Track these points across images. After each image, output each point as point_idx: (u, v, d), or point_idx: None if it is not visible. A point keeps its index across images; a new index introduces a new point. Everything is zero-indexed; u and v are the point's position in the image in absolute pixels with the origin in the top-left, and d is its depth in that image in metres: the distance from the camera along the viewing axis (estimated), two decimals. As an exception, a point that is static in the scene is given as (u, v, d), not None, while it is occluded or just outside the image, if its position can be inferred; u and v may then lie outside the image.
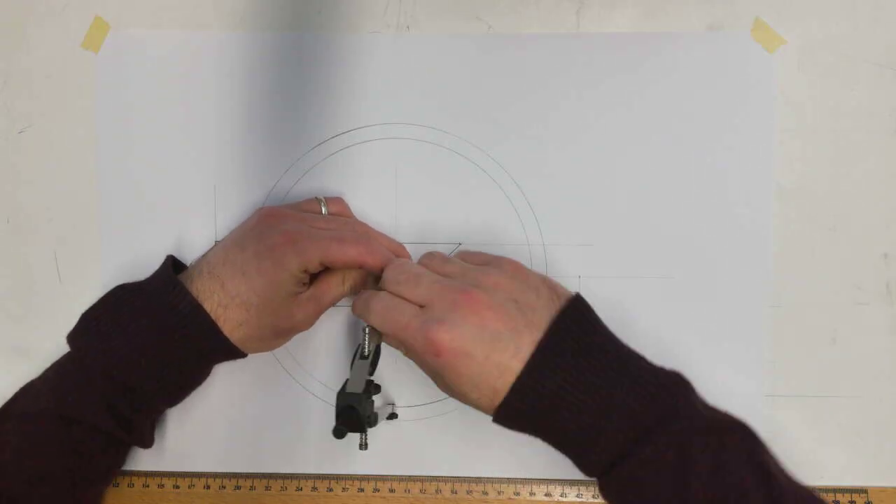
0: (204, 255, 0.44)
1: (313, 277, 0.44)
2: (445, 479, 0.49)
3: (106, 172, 0.49)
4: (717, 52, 0.48)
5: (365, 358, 0.42)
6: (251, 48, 0.49)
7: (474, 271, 0.40)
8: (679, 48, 0.48)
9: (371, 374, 0.42)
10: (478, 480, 0.49)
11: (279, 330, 0.44)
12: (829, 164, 0.48)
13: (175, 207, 0.49)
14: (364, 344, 0.42)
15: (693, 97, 0.48)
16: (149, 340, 0.41)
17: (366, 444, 0.44)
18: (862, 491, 0.48)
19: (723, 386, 0.48)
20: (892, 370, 0.48)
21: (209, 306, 0.41)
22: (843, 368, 0.48)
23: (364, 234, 0.45)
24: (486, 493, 0.49)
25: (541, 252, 0.48)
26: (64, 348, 0.43)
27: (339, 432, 0.40)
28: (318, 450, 0.49)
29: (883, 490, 0.48)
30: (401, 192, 0.49)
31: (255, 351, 0.45)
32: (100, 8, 0.49)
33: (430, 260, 0.43)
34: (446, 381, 0.39)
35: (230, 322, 0.42)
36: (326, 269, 0.44)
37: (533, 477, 0.48)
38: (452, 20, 0.48)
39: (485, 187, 0.48)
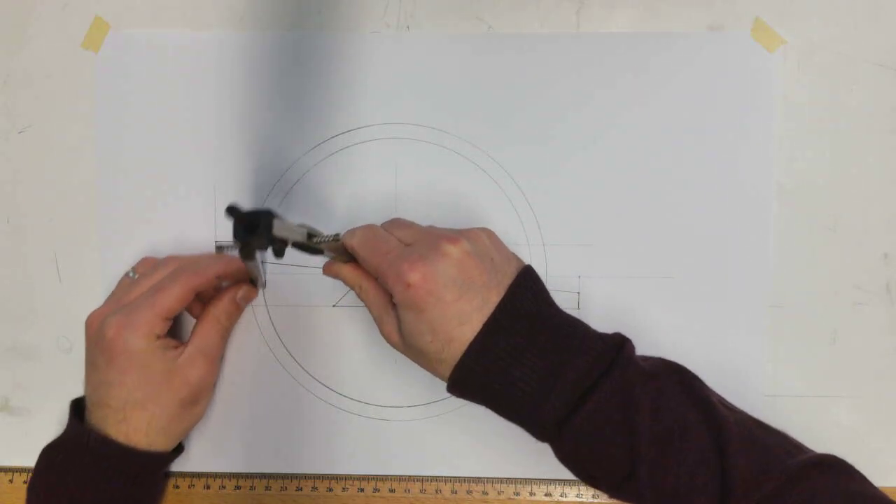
0: (84, 390, 0.44)
1: (174, 332, 0.44)
2: (445, 479, 0.49)
3: (106, 172, 0.49)
4: (717, 52, 0.48)
5: (312, 245, 0.41)
6: (251, 48, 0.49)
7: (458, 229, 0.42)
8: (679, 48, 0.48)
9: (279, 251, 0.40)
10: (478, 480, 0.49)
11: (185, 400, 0.43)
12: (829, 164, 0.48)
13: (175, 207, 0.49)
14: (321, 238, 0.41)
15: (693, 97, 0.48)
16: (81, 493, 0.41)
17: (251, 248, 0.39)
18: (862, 491, 0.47)
19: (723, 386, 0.48)
20: (892, 370, 0.48)
21: (112, 431, 0.41)
22: (843, 368, 0.48)
23: (178, 267, 0.44)
24: (486, 493, 0.49)
25: (541, 252, 0.48)
26: (63, 350, 0.44)
27: (233, 212, 0.37)
28: (318, 450, 0.49)
29: (883, 490, 0.48)
30: (401, 192, 0.49)
31: (184, 432, 0.45)
32: (100, 8, 0.49)
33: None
34: (405, 319, 0.39)
35: (138, 429, 0.42)
36: (198, 318, 0.45)
37: (533, 477, 0.48)
38: (452, 20, 0.48)
39: (485, 187, 0.48)
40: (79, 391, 0.50)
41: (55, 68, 0.49)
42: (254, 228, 0.36)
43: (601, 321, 0.48)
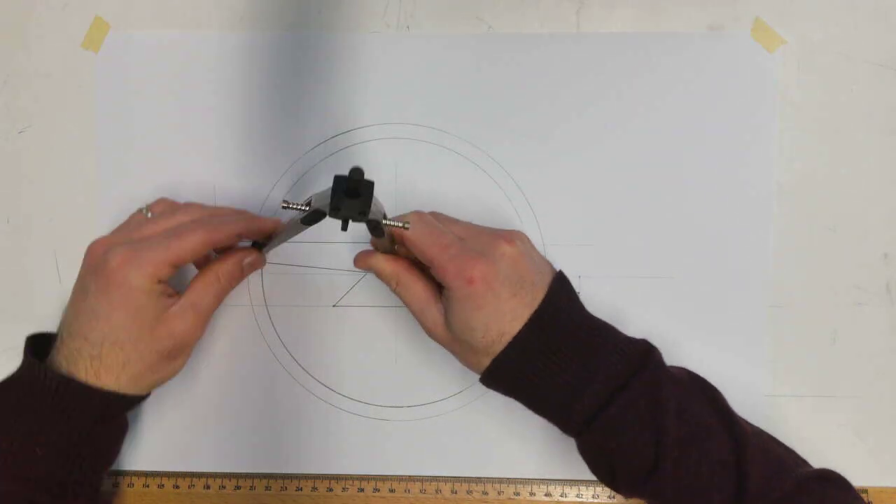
0: (64, 314, 0.42)
1: (177, 283, 0.42)
2: (445, 479, 0.49)
3: (106, 172, 0.49)
4: (717, 52, 0.48)
5: (382, 226, 0.38)
6: (251, 48, 0.49)
7: (501, 229, 0.43)
8: (679, 48, 0.48)
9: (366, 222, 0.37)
10: (478, 480, 0.49)
11: (165, 352, 0.41)
12: (829, 164, 0.48)
13: (175, 207, 0.49)
14: (389, 221, 0.38)
15: (693, 97, 0.48)
16: (37, 431, 0.39)
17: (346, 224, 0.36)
18: (862, 491, 0.47)
19: (723, 386, 0.48)
20: (892, 370, 0.48)
21: (81, 367, 0.39)
22: (843, 368, 0.48)
23: (200, 217, 0.42)
24: (486, 493, 0.49)
25: (541, 252, 0.48)
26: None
27: (355, 175, 0.34)
28: (318, 450, 0.49)
29: (883, 490, 0.48)
30: (400, 193, 0.48)
31: (156, 384, 0.43)
32: (100, 8, 0.49)
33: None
34: (459, 314, 0.40)
35: (110, 370, 0.40)
36: (198, 273, 0.43)
37: (533, 477, 0.48)
38: (452, 20, 0.48)
39: (485, 187, 0.48)
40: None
41: (55, 68, 0.49)
42: (355, 195, 0.35)
43: (601, 321, 0.48)
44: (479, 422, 0.49)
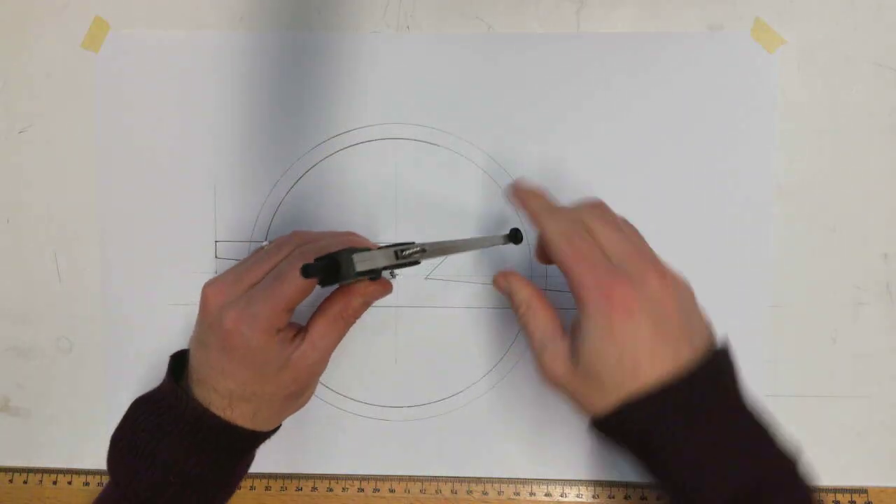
0: (189, 358, 0.41)
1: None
2: (445, 479, 0.49)
3: (106, 172, 0.49)
4: (717, 52, 0.48)
5: (406, 261, 0.38)
6: (251, 48, 0.49)
7: (665, 270, 0.37)
8: (679, 48, 0.48)
9: (392, 271, 0.39)
10: (478, 480, 0.49)
11: (293, 394, 0.41)
12: (829, 164, 0.48)
13: (175, 207, 0.49)
14: (412, 248, 0.38)
15: (693, 97, 0.48)
16: (172, 459, 0.39)
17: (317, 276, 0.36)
18: (862, 491, 0.48)
19: (723, 386, 0.48)
20: (892, 370, 0.48)
21: (215, 409, 0.39)
22: (843, 368, 0.48)
23: (298, 250, 0.40)
24: (486, 493, 0.49)
25: (541, 252, 0.48)
26: (63, 350, 0.43)
27: (308, 270, 0.35)
28: (318, 450, 0.49)
29: (883, 490, 0.48)
30: (400, 192, 0.49)
31: (286, 417, 0.43)
32: (100, 8, 0.49)
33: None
34: (593, 338, 0.35)
35: (242, 416, 0.40)
36: (319, 308, 0.41)
37: (533, 477, 0.48)
38: (452, 20, 0.48)
39: (485, 187, 0.48)
40: (78, 391, 0.50)
41: (55, 68, 0.49)
42: (336, 272, 0.36)
43: (601, 321, 0.48)
44: (479, 422, 0.49)
